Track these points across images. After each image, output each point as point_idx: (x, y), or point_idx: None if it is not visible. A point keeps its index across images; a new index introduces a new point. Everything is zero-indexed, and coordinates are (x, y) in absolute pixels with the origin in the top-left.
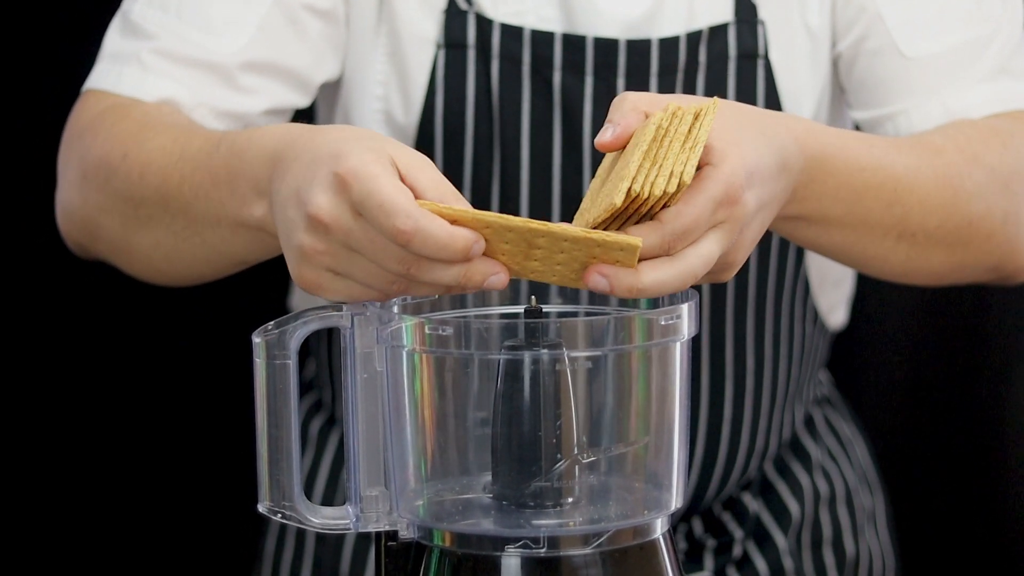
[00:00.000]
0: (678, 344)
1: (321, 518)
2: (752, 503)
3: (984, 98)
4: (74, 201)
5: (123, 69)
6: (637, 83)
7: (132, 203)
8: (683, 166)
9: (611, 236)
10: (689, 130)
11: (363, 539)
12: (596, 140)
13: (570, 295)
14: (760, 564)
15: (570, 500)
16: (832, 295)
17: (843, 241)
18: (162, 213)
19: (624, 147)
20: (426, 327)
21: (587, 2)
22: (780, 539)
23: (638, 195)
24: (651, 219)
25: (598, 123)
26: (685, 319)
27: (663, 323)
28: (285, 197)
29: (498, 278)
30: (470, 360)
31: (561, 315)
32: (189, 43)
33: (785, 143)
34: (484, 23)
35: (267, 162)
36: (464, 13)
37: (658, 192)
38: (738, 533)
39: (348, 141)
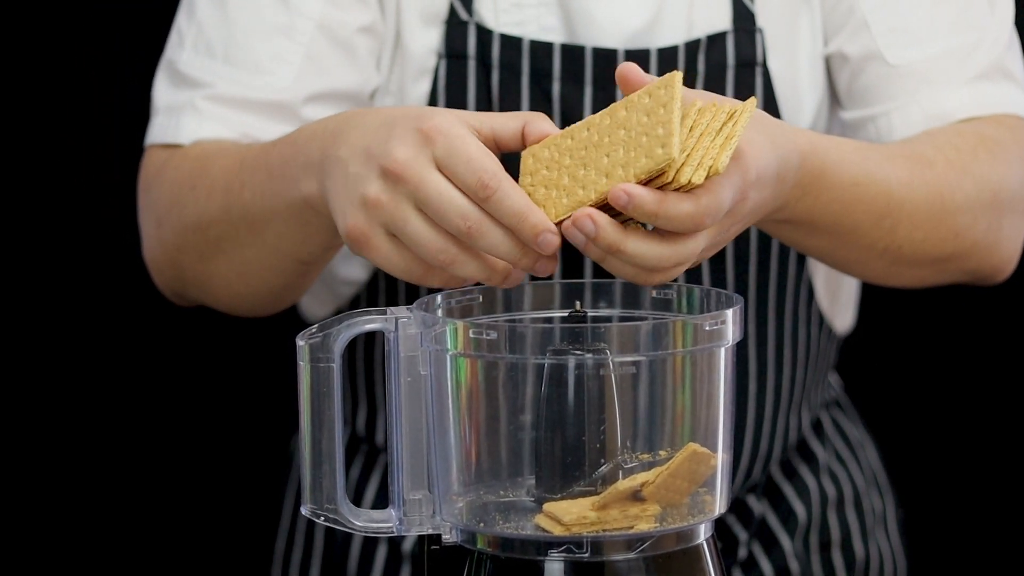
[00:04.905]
0: (722, 349)
1: (364, 521)
2: (757, 505)
3: (962, 102)
4: (155, 249)
5: (180, 120)
6: None
7: (202, 228)
8: (713, 159)
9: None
10: (721, 127)
11: (370, 539)
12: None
13: (614, 300)
14: (765, 566)
15: None
16: (837, 299)
17: (828, 246)
18: (227, 227)
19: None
20: (471, 331)
21: (587, 14)
22: (786, 541)
23: (670, 178)
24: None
25: None
26: (730, 324)
27: (708, 328)
28: (349, 155)
29: (547, 238)
30: (514, 364)
31: (605, 320)
32: (241, 85)
33: (789, 156)
34: (484, 33)
35: (321, 137)
36: (465, 24)
37: (684, 180)
38: (743, 535)
39: (423, 108)
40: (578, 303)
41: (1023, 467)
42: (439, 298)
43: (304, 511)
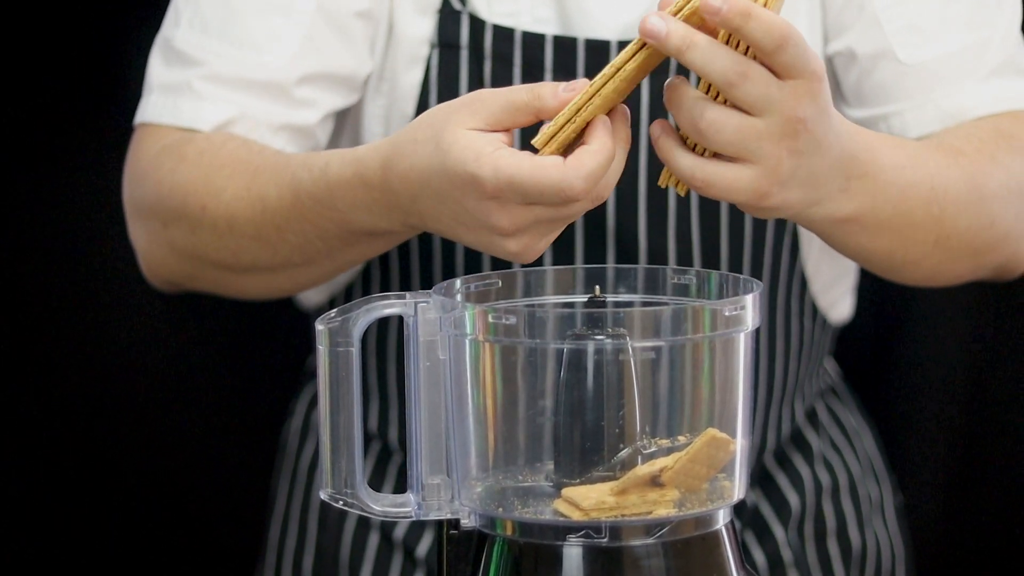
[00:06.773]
0: (742, 335)
1: (383, 506)
2: (750, 494)
3: (978, 100)
4: (160, 249)
5: (177, 101)
6: None
7: (230, 251)
8: None
9: None
10: None
11: (362, 526)
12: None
13: (633, 286)
14: (758, 556)
15: None
16: (833, 291)
17: (889, 246)
18: (271, 257)
19: None
20: (489, 316)
21: (581, 5)
22: (779, 531)
23: None
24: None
25: None
26: (749, 310)
27: (727, 314)
28: (454, 225)
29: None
30: (533, 349)
31: (624, 305)
32: (237, 64)
33: (838, 128)
34: (477, 24)
35: (371, 208)
36: (458, 13)
37: None
38: (735, 525)
39: (448, 152)
40: (597, 288)
41: None
42: (458, 283)
43: (323, 496)
